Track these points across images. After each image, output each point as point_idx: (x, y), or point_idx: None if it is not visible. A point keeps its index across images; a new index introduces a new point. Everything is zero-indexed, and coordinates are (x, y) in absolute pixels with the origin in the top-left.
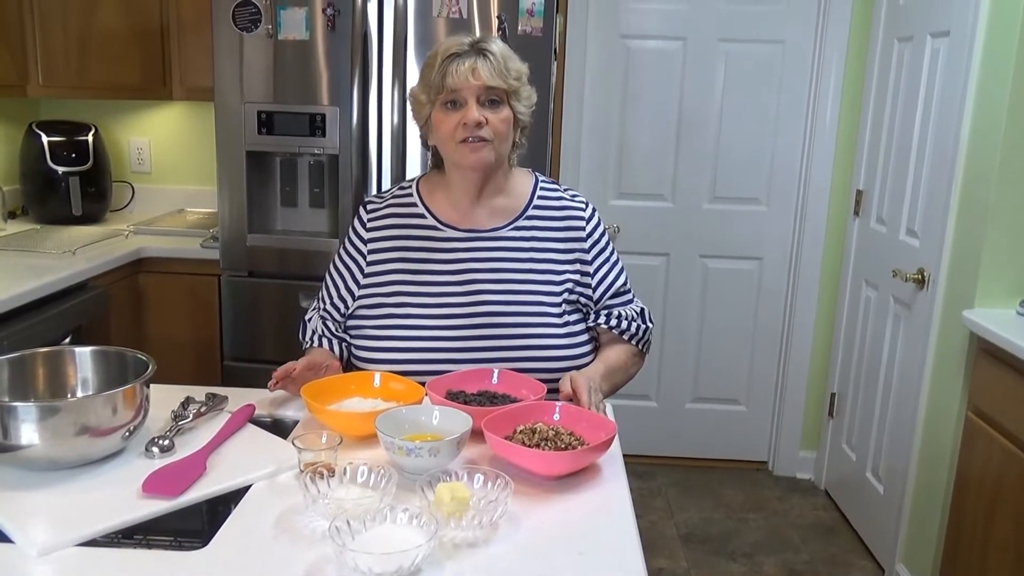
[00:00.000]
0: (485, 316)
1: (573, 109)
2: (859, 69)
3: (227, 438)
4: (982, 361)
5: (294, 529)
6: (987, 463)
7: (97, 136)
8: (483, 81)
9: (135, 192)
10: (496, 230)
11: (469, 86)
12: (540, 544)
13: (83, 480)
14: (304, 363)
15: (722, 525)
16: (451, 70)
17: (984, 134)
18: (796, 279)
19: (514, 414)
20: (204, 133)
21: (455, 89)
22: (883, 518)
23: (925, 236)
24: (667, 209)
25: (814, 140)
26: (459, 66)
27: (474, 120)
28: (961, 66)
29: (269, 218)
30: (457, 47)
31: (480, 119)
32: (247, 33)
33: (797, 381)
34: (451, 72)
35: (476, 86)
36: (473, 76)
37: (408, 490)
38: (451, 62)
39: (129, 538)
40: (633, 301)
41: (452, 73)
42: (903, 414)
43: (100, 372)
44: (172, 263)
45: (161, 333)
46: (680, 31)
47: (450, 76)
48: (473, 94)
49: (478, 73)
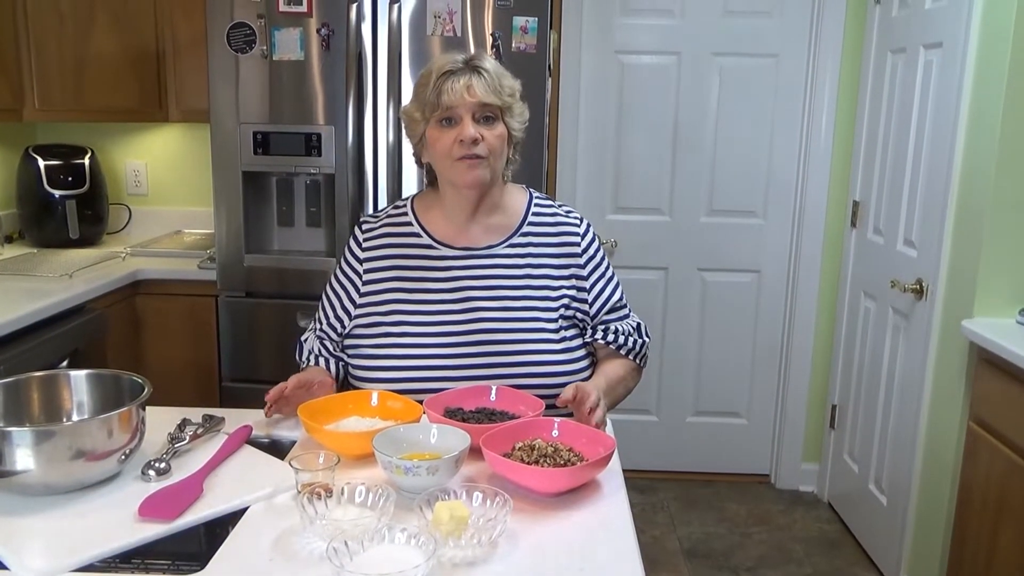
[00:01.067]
0: (482, 333)
1: (569, 125)
2: (853, 81)
3: (224, 460)
4: (983, 371)
5: (292, 550)
6: (990, 474)
7: (94, 159)
8: (478, 98)
9: (132, 214)
10: (491, 247)
11: (464, 103)
12: (540, 562)
13: (79, 504)
14: (295, 381)
15: (725, 539)
16: (446, 87)
17: (978, 143)
18: (795, 291)
19: (512, 431)
20: (200, 154)
21: (450, 106)
22: (887, 530)
23: (923, 246)
24: (664, 223)
25: (810, 152)
26: (454, 83)
27: (470, 136)
28: (954, 77)
29: (266, 238)
30: (451, 64)
31: (476, 136)
32: (242, 54)
33: (798, 393)
34: (446, 89)
35: (471, 103)
36: (468, 93)
37: (406, 509)
38: (446, 79)
39: (127, 562)
40: (629, 316)
41: (447, 91)
42: (904, 425)
43: (96, 395)
44: (169, 284)
45: (159, 355)
46: (674, 46)
47: (445, 93)
48: (468, 111)
49: (473, 90)
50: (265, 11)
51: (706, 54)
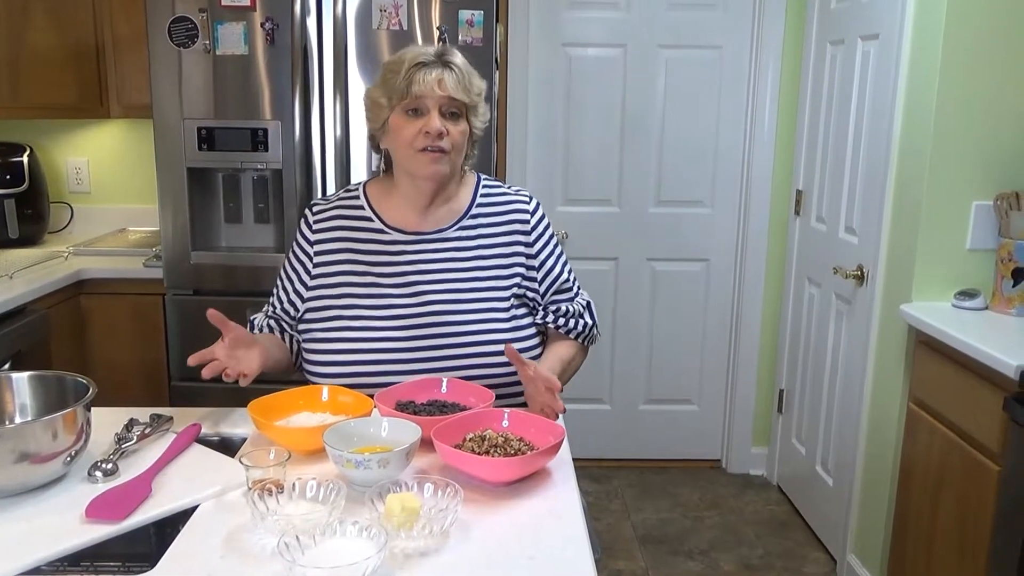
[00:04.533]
0: (432, 316)
1: (518, 118)
2: (795, 72)
3: (173, 459)
4: (921, 353)
5: (243, 547)
6: (929, 452)
7: (32, 157)
8: (448, 92)
9: (74, 213)
10: (441, 231)
11: (434, 96)
12: (491, 550)
13: (24, 508)
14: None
15: (679, 524)
16: (417, 78)
17: (914, 133)
18: (742, 279)
19: (463, 422)
20: (144, 151)
21: (420, 97)
22: (833, 510)
23: (863, 233)
24: (614, 214)
25: (754, 142)
26: (426, 75)
27: (436, 129)
28: (890, 68)
29: (213, 235)
30: (424, 56)
31: (442, 129)
32: (184, 49)
33: (747, 379)
34: (417, 80)
35: (440, 96)
36: (439, 87)
37: (358, 503)
38: (418, 71)
39: (75, 565)
40: (579, 295)
41: (418, 81)
42: (848, 408)
43: (39, 397)
44: (114, 283)
45: (105, 356)
46: (620, 38)
47: (416, 84)
48: (436, 104)
49: (444, 84)
50: (207, 5)
51: (652, 46)
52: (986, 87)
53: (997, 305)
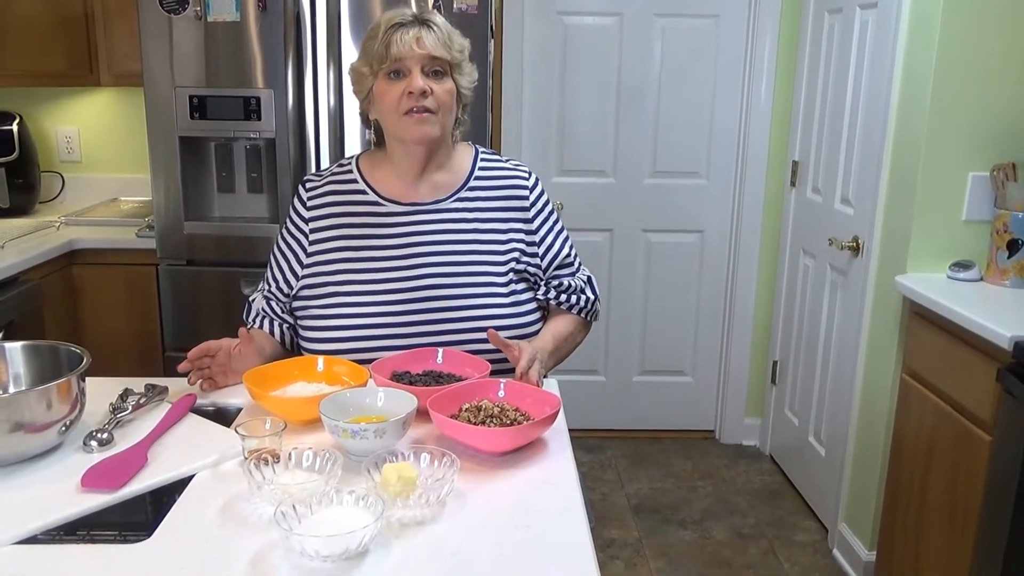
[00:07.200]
0: (429, 289)
1: (512, 87)
2: (792, 41)
3: (168, 428)
4: (915, 324)
5: (240, 516)
6: (921, 423)
7: (22, 125)
8: (427, 50)
9: (65, 182)
10: (438, 203)
11: (413, 55)
12: (487, 520)
13: (20, 477)
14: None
15: (672, 494)
16: (395, 39)
17: (911, 103)
18: (737, 250)
19: (459, 392)
20: (135, 119)
21: (399, 58)
22: (825, 480)
23: (859, 204)
24: (609, 185)
25: (750, 113)
26: (403, 35)
27: (419, 88)
28: (889, 37)
29: (206, 205)
30: (400, 17)
31: (425, 87)
32: (175, 15)
33: (740, 350)
34: (395, 41)
35: (420, 55)
36: (418, 45)
37: (354, 472)
38: (395, 31)
39: (71, 534)
40: (580, 270)
41: (396, 42)
42: (842, 379)
43: (33, 367)
44: (107, 254)
45: (98, 326)
46: (616, 7)
47: (394, 45)
48: (417, 63)
49: (423, 42)
50: None
51: (648, 15)
52: (984, 58)
53: (992, 276)
